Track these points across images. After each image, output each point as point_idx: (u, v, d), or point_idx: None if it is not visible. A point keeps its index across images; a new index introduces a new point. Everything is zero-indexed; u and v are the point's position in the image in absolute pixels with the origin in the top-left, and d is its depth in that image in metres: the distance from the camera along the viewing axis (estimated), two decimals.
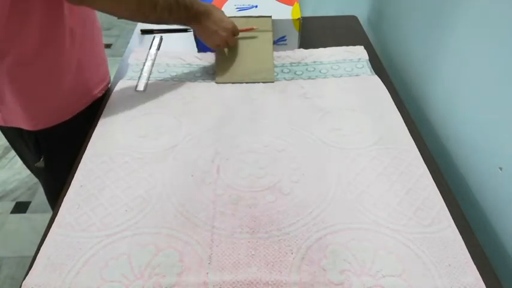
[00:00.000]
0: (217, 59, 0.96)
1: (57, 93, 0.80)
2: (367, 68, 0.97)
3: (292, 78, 0.94)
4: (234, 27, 0.89)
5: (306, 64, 0.99)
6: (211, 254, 0.59)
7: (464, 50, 0.73)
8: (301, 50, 1.03)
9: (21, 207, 1.64)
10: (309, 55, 1.01)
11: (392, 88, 0.91)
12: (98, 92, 0.88)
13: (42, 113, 0.80)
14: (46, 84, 0.77)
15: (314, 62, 0.99)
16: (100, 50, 0.91)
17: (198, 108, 0.86)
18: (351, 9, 1.31)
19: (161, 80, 0.94)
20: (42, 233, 0.63)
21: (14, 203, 1.65)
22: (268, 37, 0.97)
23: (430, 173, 0.70)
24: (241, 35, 0.96)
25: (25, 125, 0.81)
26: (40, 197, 1.65)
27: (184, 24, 0.83)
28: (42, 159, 0.86)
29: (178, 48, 1.04)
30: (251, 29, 0.92)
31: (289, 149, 0.76)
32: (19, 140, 0.86)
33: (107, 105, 0.86)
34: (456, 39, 0.75)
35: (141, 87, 0.90)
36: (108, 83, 0.94)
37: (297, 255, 0.59)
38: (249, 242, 0.61)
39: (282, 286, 0.55)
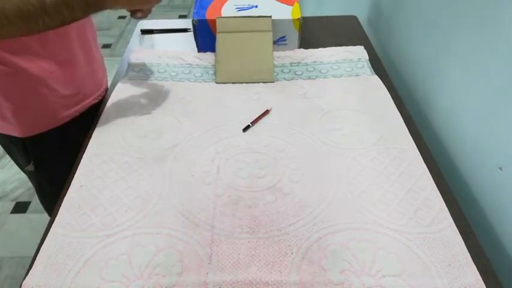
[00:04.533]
0: (217, 59, 0.96)
1: (46, 102, 0.78)
2: (367, 68, 0.97)
3: (292, 78, 0.94)
4: None
5: (306, 64, 0.99)
6: (211, 254, 0.59)
7: (464, 49, 0.73)
8: (301, 50, 1.03)
9: (21, 207, 1.64)
10: (309, 55, 1.01)
11: (393, 88, 0.91)
12: (92, 99, 0.86)
13: (31, 120, 0.79)
14: (35, 92, 0.76)
15: (314, 62, 0.99)
16: (94, 56, 0.89)
17: (198, 108, 0.86)
18: (351, 9, 1.31)
19: (161, 80, 0.94)
20: (42, 233, 0.63)
21: (14, 203, 1.66)
22: (268, 37, 0.97)
23: (430, 173, 0.70)
24: (241, 35, 0.96)
25: (14, 132, 0.80)
26: None
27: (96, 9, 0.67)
28: (32, 163, 0.85)
29: (178, 48, 1.04)
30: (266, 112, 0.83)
31: (289, 149, 0.76)
32: (9, 143, 0.85)
33: (107, 105, 0.86)
34: (456, 39, 0.75)
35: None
36: (105, 90, 0.92)
37: (297, 255, 0.59)
38: (249, 242, 0.61)
39: (282, 286, 0.55)
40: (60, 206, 0.66)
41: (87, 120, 0.83)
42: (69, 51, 0.79)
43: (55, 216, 0.64)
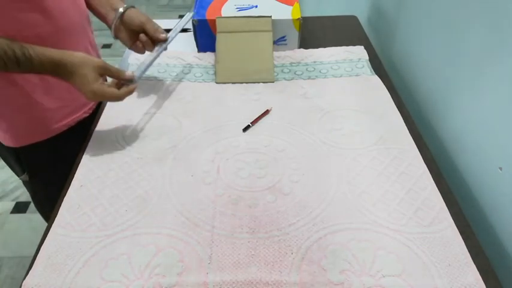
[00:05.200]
0: (217, 59, 0.96)
1: (32, 114, 0.76)
2: (367, 68, 0.97)
3: (292, 78, 0.94)
4: (96, 96, 0.68)
5: (306, 64, 0.99)
6: (211, 254, 0.59)
7: (464, 49, 0.73)
8: (301, 50, 1.03)
9: (21, 207, 1.64)
10: (309, 55, 1.01)
11: (393, 88, 0.91)
12: (82, 113, 0.84)
13: (20, 131, 0.77)
14: (20, 104, 0.74)
15: (314, 62, 0.99)
16: None
17: (198, 108, 0.86)
18: (351, 9, 1.31)
19: (161, 80, 0.94)
20: (42, 233, 0.63)
21: (14, 203, 1.65)
22: (268, 37, 0.97)
23: (430, 173, 0.70)
24: (241, 35, 0.96)
25: (3, 141, 0.79)
26: None
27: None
28: (26, 173, 0.84)
29: (178, 48, 1.04)
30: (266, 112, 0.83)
31: (289, 149, 0.76)
32: (3, 152, 0.83)
33: (107, 105, 0.86)
34: (456, 39, 0.75)
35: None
36: (96, 104, 0.88)
37: (297, 255, 0.59)
38: (249, 242, 0.61)
39: (282, 286, 0.55)
40: (60, 206, 0.66)
41: (84, 130, 0.81)
42: None
43: (55, 216, 0.64)
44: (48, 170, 0.81)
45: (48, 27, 0.71)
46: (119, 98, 0.71)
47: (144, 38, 0.84)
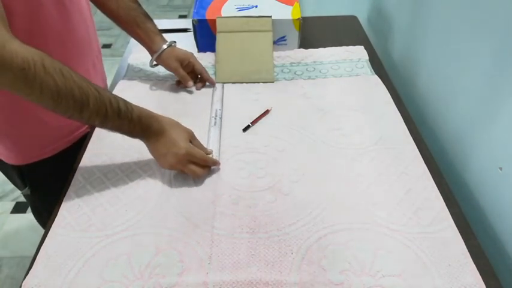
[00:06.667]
0: (217, 59, 0.96)
1: (35, 133, 0.76)
2: (367, 68, 0.97)
3: (292, 78, 0.94)
4: (187, 154, 0.68)
5: (306, 64, 0.99)
6: (211, 254, 0.59)
7: (464, 50, 0.73)
8: (301, 50, 1.03)
9: (21, 207, 1.64)
10: (309, 55, 1.01)
11: (393, 88, 0.91)
12: (86, 127, 0.83)
13: (22, 149, 0.77)
14: (22, 123, 0.74)
15: (314, 62, 0.99)
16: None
17: (198, 108, 0.86)
18: (351, 9, 1.31)
19: (161, 80, 0.94)
20: (42, 233, 0.63)
21: (14, 203, 1.65)
22: (268, 37, 0.97)
23: (430, 173, 0.70)
24: (241, 35, 0.96)
25: (9, 160, 0.79)
26: None
27: (131, 137, 0.69)
28: (27, 187, 0.84)
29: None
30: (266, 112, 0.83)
31: (289, 149, 0.76)
32: (5, 167, 0.83)
33: None
34: (456, 39, 0.75)
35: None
36: None
37: (297, 255, 0.59)
38: (249, 242, 0.61)
39: (282, 286, 0.55)
40: (60, 206, 0.66)
41: (84, 144, 0.80)
42: None
43: (55, 216, 0.64)
44: (51, 184, 0.81)
45: (55, 45, 0.70)
46: (205, 162, 0.71)
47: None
